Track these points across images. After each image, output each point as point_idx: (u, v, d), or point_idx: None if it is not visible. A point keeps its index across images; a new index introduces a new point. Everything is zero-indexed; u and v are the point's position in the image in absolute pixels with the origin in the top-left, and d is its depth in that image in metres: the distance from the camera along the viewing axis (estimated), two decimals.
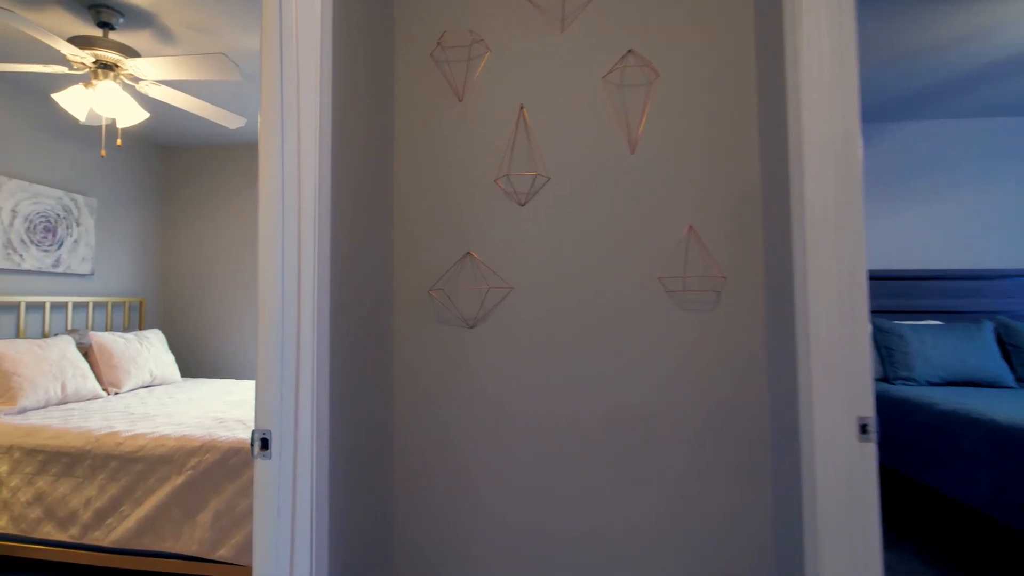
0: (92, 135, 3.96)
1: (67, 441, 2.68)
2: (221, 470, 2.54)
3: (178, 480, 2.56)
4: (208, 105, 2.97)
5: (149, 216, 4.50)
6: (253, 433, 1.36)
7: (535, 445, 1.76)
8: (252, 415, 3.07)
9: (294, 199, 1.36)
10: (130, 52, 2.65)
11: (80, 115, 2.69)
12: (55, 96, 2.60)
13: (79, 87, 2.62)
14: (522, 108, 1.80)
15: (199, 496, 2.54)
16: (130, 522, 2.56)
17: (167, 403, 3.32)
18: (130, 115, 2.75)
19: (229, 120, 3.13)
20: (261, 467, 1.35)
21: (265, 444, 1.35)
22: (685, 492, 1.67)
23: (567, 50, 1.79)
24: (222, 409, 3.18)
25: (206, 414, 3.04)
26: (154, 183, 4.55)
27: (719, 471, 1.65)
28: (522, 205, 1.80)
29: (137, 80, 3.11)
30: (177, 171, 4.76)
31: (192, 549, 2.48)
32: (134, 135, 4.33)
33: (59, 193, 3.64)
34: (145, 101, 3.55)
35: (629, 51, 1.76)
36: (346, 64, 1.51)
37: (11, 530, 2.61)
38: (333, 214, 1.44)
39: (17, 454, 2.67)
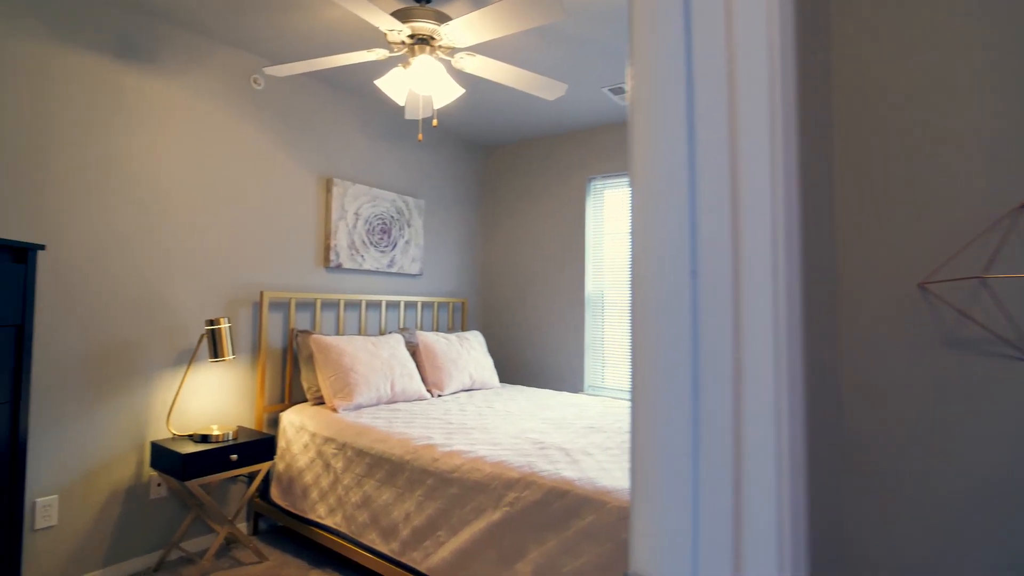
0: (419, 138, 3.96)
1: (389, 447, 2.42)
2: (542, 514, 1.92)
3: (494, 515, 2.03)
4: (525, 73, 2.46)
5: (470, 217, 4.42)
6: None
7: None
8: (574, 441, 2.44)
9: (719, 190, 0.54)
10: (443, 18, 2.29)
11: (399, 98, 2.43)
12: (377, 82, 2.38)
13: (397, 69, 2.35)
14: None
15: (517, 540, 1.97)
16: (446, 551, 2.14)
17: (484, 413, 2.94)
18: (446, 91, 2.39)
19: (549, 89, 2.59)
20: None
21: None
22: None
23: None
24: (540, 429, 2.63)
25: (524, 434, 2.52)
26: (473, 183, 4.46)
27: None
28: None
29: (452, 52, 2.81)
30: (494, 170, 4.61)
31: None
32: (452, 134, 4.27)
33: (392, 195, 3.67)
34: (461, 81, 3.31)
35: None
36: None
37: (344, 529, 2.47)
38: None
39: (350, 452, 2.52)
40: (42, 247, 1.86)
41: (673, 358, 0.58)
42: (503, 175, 4.56)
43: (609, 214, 4.06)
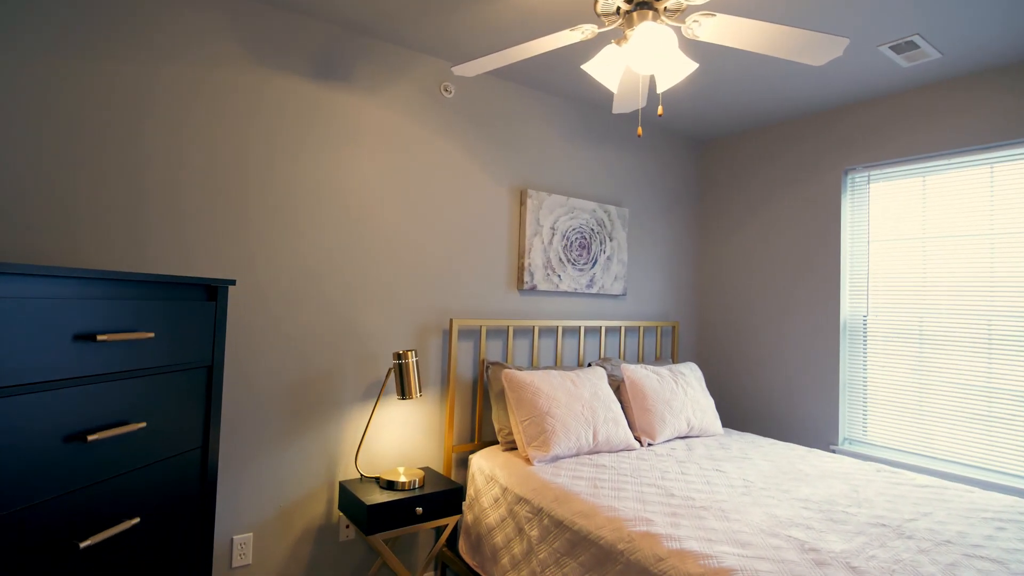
0: (623, 138, 3.35)
1: (596, 525, 1.85)
2: None
3: None
4: (789, 31, 1.70)
5: (682, 226, 3.67)
6: None
7: None
8: (864, 552, 1.59)
9: None
10: None
11: (612, 83, 1.85)
12: (585, 67, 1.83)
13: (610, 47, 1.78)
14: None
15: None
16: None
17: (713, 480, 2.21)
18: (675, 67, 1.74)
19: (822, 48, 1.78)
20: None
21: None
22: None
23: None
24: (804, 520, 1.82)
25: (780, 528, 1.75)
26: (686, 185, 3.70)
27: None
28: None
29: (682, 17, 2.15)
30: (712, 168, 3.80)
31: None
32: (661, 128, 3.56)
33: (593, 205, 3.12)
34: (694, 53, 2.62)
35: None
36: None
37: None
38: None
39: (546, 521, 2.01)
40: (232, 282, 1.68)
41: None
42: (724, 174, 3.71)
43: (876, 213, 2.99)
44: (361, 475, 2.28)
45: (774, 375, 3.35)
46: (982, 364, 2.59)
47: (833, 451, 3.03)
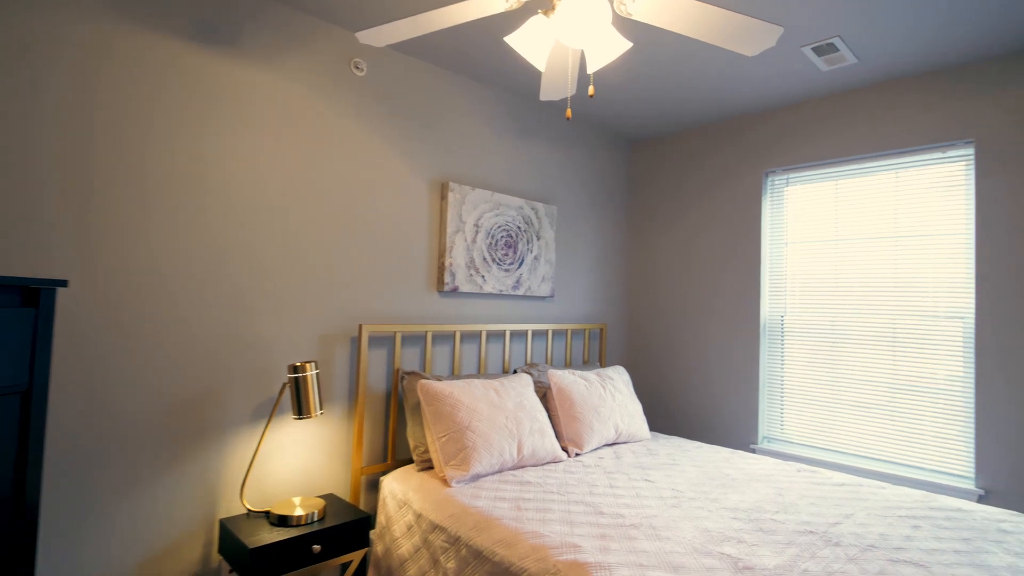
0: (553, 132, 3.16)
1: (519, 555, 1.62)
2: None
3: None
4: (724, 14, 1.56)
5: (611, 226, 3.54)
6: None
7: None
8: (797, 566, 1.49)
9: None
10: None
11: (539, 61, 1.63)
12: (508, 39, 1.60)
13: (536, 17, 1.56)
14: None
15: None
16: None
17: (641, 491, 2.06)
18: (607, 44, 1.55)
19: (756, 36, 1.65)
20: None
21: None
22: None
23: None
24: (735, 533, 1.70)
25: (712, 544, 1.61)
26: (617, 185, 3.58)
27: None
28: None
29: None
30: (641, 168, 3.71)
31: None
32: (592, 125, 3.42)
33: (520, 202, 2.91)
34: (629, 33, 2.45)
35: None
36: None
37: None
38: None
39: (464, 551, 1.77)
40: (63, 283, 1.31)
41: None
42: (653, 175, 3.63)
43: (794, 216, 2.99)
44: (248, 510, 1.93)
45: (699, 376, 3.29)
46: (887, 361, 2.63)
47: (754, 450, 3.00)
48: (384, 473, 2.36)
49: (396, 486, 2.13)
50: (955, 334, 2.45)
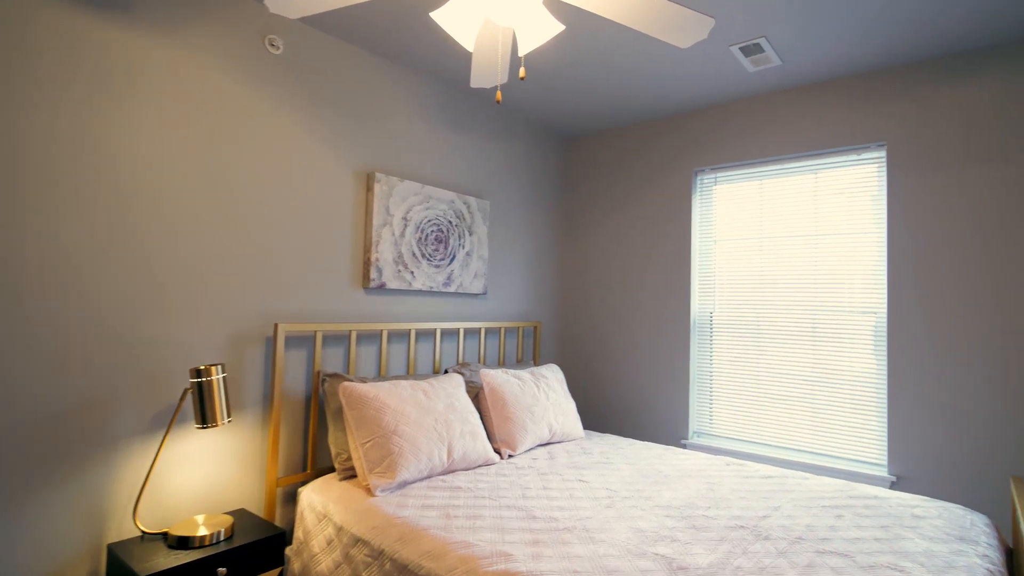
0: (486, 125, 3.07)
1: (447, 567, 1.51)
2: None
3: None
4: (659, 2, 1.52)
5: (545, 222, 3.48)
6: None
7: None
8: (729, 563, 1.46)
9: None
10: None
11: (467, 40, 1.53)
12: (434, 15, 1.48)
13: None
14: None
15: None
16: None
17: (575, 491, 2.00)
18: (539, 26, 1.47)
19: (688, 27, 1.62)
20: None
21: None
22: None
23: None
24: (668, 532, 1.67)
25: (646, 545, 1.57)
26: (551, 181, 3.52)
27: None
28: None
29: None
30: (576, 165, 3.67)
31: None
32: (526, 119, 3.36)
33: (451, 196, 2.79)
34: (561, 16, 2.39)
35: None
36: None
37: None
38: None
39: (388, 565, 1.63)
40: None
41: None
42: (587, 172, 3.61)
43: (721, 214, 3.04)
44: (143, 532, 1.71)
45: (631, 373, 3.30)
46: (808, 355, 2.72)
47: (684, 445, 3.03)
48: (303, 484, 2.18)
49: (315, 497, 1.96)
50: (869, 329, 2.57)
